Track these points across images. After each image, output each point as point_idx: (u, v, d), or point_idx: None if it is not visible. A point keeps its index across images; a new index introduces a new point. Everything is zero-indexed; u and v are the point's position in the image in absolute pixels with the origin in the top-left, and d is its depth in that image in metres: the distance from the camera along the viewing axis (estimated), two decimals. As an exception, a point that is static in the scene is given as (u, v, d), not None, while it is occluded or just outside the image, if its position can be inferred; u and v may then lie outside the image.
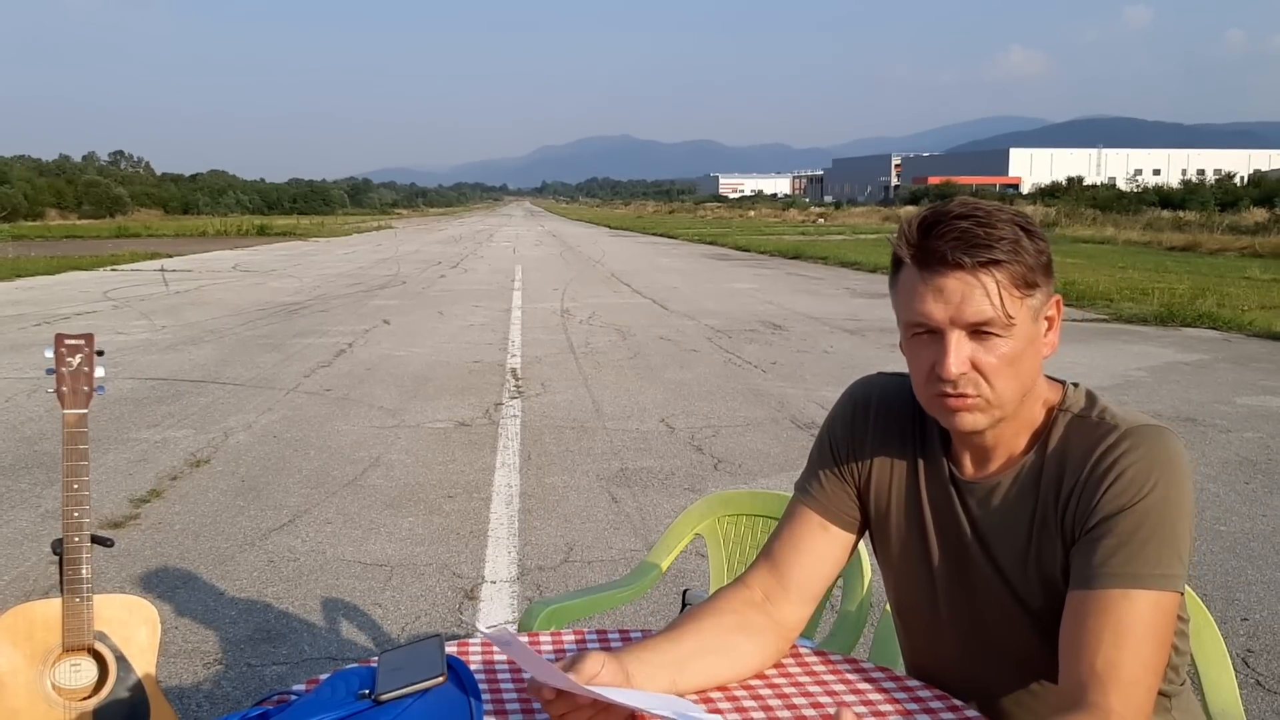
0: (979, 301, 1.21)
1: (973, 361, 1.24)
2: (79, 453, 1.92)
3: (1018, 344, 1.24)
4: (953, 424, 1.29)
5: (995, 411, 1.27)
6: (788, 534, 1.45)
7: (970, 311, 1.21)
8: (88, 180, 70.83)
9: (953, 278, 1.21)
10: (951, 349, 1.23)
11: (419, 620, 3.52)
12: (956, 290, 1.21)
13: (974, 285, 1.21)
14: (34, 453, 5.76)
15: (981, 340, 1.23)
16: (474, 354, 9.50)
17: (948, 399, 1.26)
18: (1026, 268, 1.22)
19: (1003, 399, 1.26)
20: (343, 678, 1.21)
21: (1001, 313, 1.21)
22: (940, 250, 1.21)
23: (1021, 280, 1.22)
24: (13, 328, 11.37)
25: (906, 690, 1.36)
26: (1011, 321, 1.22)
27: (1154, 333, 10.98)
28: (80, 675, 1.91)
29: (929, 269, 1.23)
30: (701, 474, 5.34)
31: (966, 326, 1.23)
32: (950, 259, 1.21)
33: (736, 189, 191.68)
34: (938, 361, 1.24)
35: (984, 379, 1.24)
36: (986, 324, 1.22)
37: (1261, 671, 3.13)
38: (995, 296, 1.21)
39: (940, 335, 1.24)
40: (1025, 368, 1.26)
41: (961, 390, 1.25)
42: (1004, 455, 1.34)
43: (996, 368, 1.24)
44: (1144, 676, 1.17)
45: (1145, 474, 1.22)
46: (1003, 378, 1.24)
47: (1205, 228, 30.19)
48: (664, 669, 1.27)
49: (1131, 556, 1.20)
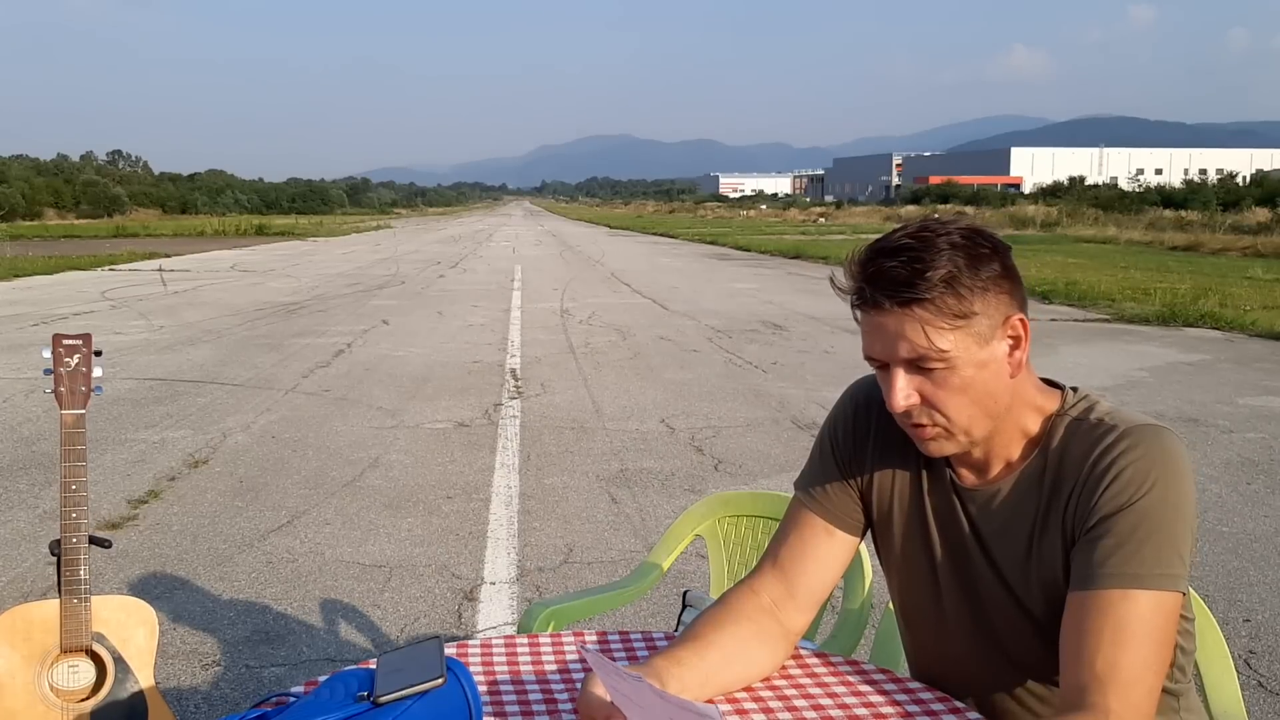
0: (910, 338, 1.23)
1: (921, 393, 1.26)
2: (77, 453, 1.91)
3: (964, 372, 1.24)
4: (924, 451, 1.32)
5: (961, 437, 1.28)
6: (794, 539, 1.44)
7: (903, 348, 1.23)
8: (85, 180, 70.85)
9: (881, 318, 1.24)
10: (895, 385, 1.26)
11: (418, 622, 3.51)
12: (888, 329, 1.24)
13: (903, 323, 1.22)
14: (32, 453, 5.76)
15: (926, 373, 1.25)
16: (473, 354, 9.49)
17: (911, 428, 1.30)
18: (959, 299, 1.21)
19: (963, 426, 1.27)
20: (341, 679, 1.20)
21: (931, 349, 1.22)
22: (864, 292, 1.24)
23: (952, 313, 1.22)
24: (10, 328, 11.36)
25: (908, 692, 1.35)
26: (945, 353, 1.22)
27: (1156, 333, 10.98)
28: (78, 676, 1.91)
29: (862, 309, 1.26)
30: (702, 475, 5.33)
31: (903, 363, 1.25)
32: (874, 301, 1.23)
33: (737, 188, 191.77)
34: (887, 393, 1.27)
35: (934, 409, 1.26)
36: (920, 360, 1.23)
37: (1264, 673, 3.12)
38: (920, 335, 1.22)
39: (886, 369, 1.27)
40: (980, 393, 1.26)
41: (917, 420, 1.27)
42: (1001, 463, 1.34)
43: (944, 398, 1.25)
44: (1144, 676, 1.17)
45: (1144, 473, 1.21)
46: (953, 407, 1.26)
47: (1207, 227, 30.19)
48: (695, 683, 1.29)
49: (1130, 556, 1.19)
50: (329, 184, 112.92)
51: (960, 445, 1.29)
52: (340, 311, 13.14)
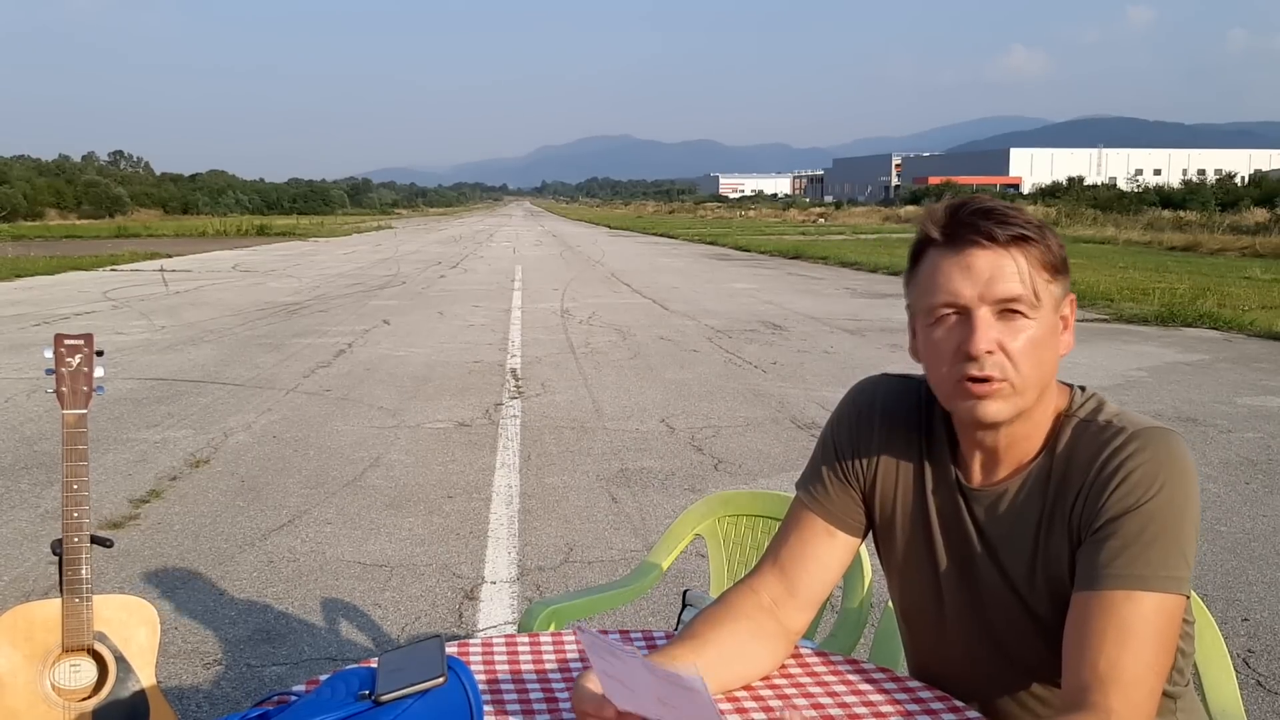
0: (1009, 278, 1.22)
1: (999, 343, 1.23)
2: (78, 453, 1.91)
3: (1041, 330, 1.24)
4: (976, 414, 1.26)
5: (1018, 399, 1.25)
6: (795, 539, 1.44)
7: (1000, 288, 1.22)
8: (87, 180, 70.85)
9: (982, 254, 1.22)
10: (979, 326, 1.22)
11: (419, 621, 3.52)
12: (986, 266, 1.22)
13: (1004, 261, 1.22)
14: (33, 453, 5.76)
15: (1008, 321, 1.23)
16: (474, 354, 9.50)
17: (973, 384, 1.24)
18: (1052, 252, 1.24)
19: (1027, 384, 1.25)
20: (343, 678, 1.20)
21: (1030, 290, 1.22)
22: (972, 224, 1.23)
23: (1048, 264, 1.24)
24: (12, 328, 11.36)
25: (907, 691, 1.36)
26: (1038, 302, 1.23)
27: (1155, 333, 10.98)
28: (80, 676, 1.91)
29: (958, 245, 1.23)
30: (702, 474, 5.33)
31: (995, 303, 1.22)
32: (982, 230, 1.22)
33: (737, 189, 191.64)
34: (964, 340, 1.23)
35: (1009, 361, 1.23)
36: (1015, 300, 1.22)
37: (1262, 672, 3.12)
38: (1025, 274, 1.22)
39: (967, 315, 1.24)
40: (1047, 357, 1.26)
41: (987, 373, 1.23)
42: (1014, 461, 1.33)
43: (1022, 350, 1.23)
44: (1146, 677, 1.17)
45: (1152, 476, 1.22)
46: (1028, 360, 1.24)
47: (1206, 228, 30.18)
48: None
49: (1136, 558, 1.20)
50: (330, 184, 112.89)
51: (1014, 408, 1.26)
52: (341, 311, 13.14)
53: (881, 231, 39.52)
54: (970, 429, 1.32)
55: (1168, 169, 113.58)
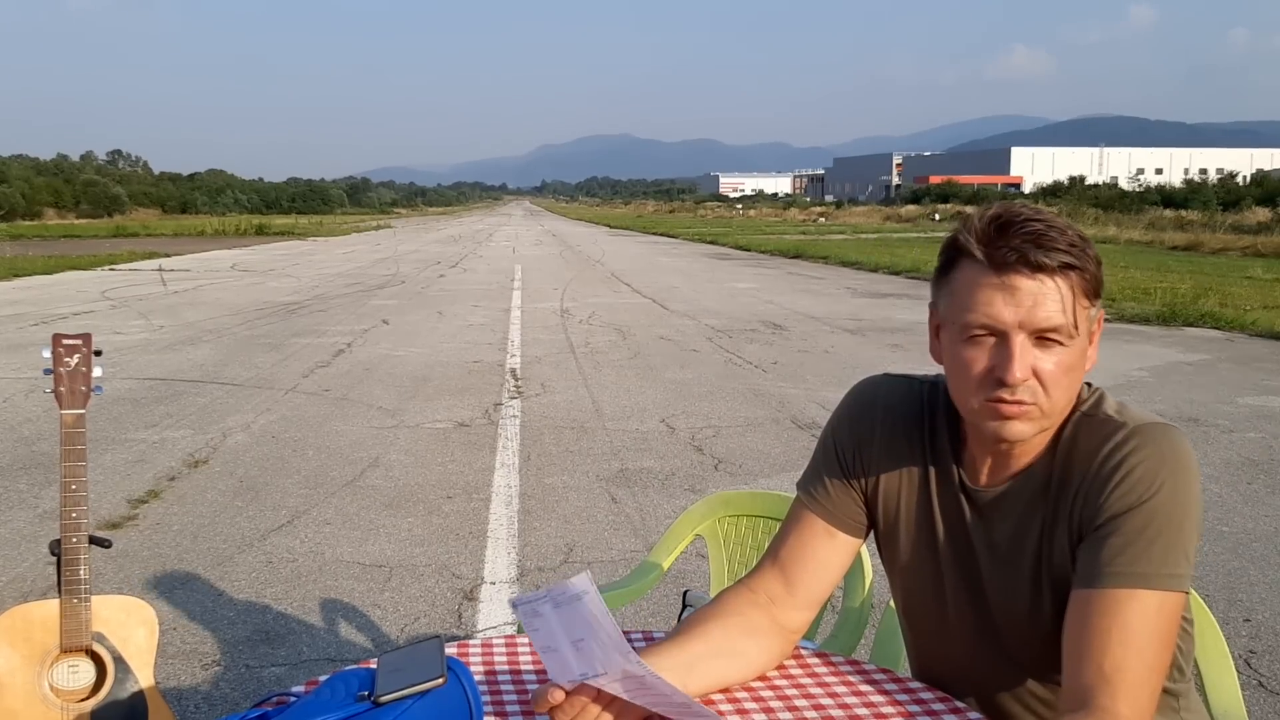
0: (1051, 307, 1.18)
1: (1033, 369, 1.21)
2: (77, 453, 1.91)
3: (1074, 354, 1.21)
4: (999, 432, 1.25)
5: (1044, 421, 1.25)
6: (794, 539, 1.43)
7: (1041, 316, 1.18)
8: (85, 180, 70.91)
9: (1028, 280, 1.18)
10: (1016, 354, 1.19)
11: (418, 621, 3.51)
12: (1029, 293, 1.18)
13: (1049, 289, 1.18)
14: (32, 453, 5.76)
15: (1044, 348, 1.20)
16: (473, 354, 9.49)
17: (1002, 405, 1.22)
18: (1092, 276, 1.21)
19: (1055, 408, 1.24)
20: (342, 679, 1.20)
21: (1071, 321, 1.19)
22: (1018, 249, 1.18)
23: (1090, 290, 1.21)
24: (10, 328, 11.36)
25: (909, 692, 1.35)
26: (1076, 330, 1.20)
27: (1156, 332, 10.98)
28: (78, 676, 1.91)
29: (1003, 269, 1.19)
30: (702, 474, 5.33)
31: (1034, 331, 1.19)
32: (1030, 259, 1.17)
33: (737, 188, 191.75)
34: (999, 366, 1.21)
35: (1042, 387, 1.21)
36: (1055, 330, 1.19)
37: (1264, 672, 3.12)
38: (1069, 304, 1.19)
39: (1005, 339, 1.20)
40: (1077, 378, 1.25)
41: (1019, 397, 1.21)
42: (1020, 462, 1.32)
43: (1055, 377, 1.21)
44: (1149, 678, 1.16)
45: (1153, 473, 1.21)
46: (1059, 387, 1.22)
47: (1207, 227, 30.22)
48: (672, 672, 1.24)
49: (1138, 556, 1.19)
50: (329, 184, 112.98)
51: (1038, 428, 1.25)
52: (340, 311, 13.14)
53: (882, 231, 39.54)
54: (988, 440, 1.30)
55: (1169, 168, 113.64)
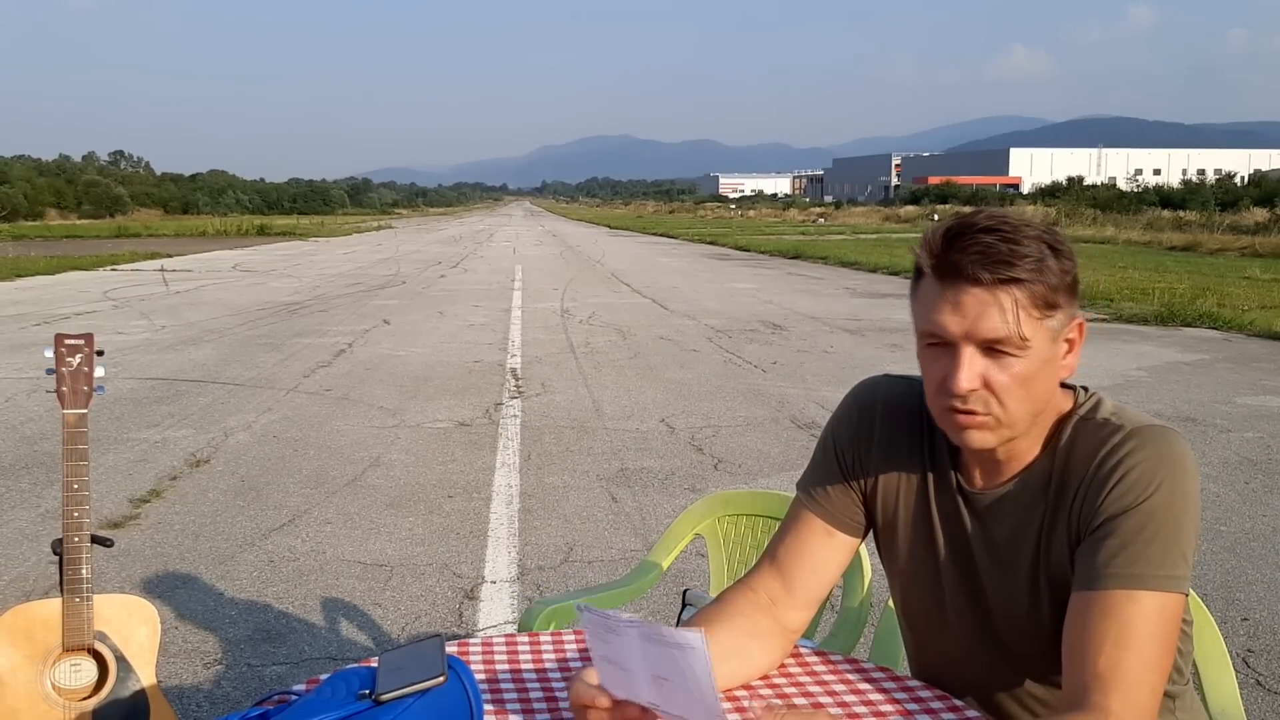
0: (994, 319, 1.19)
1: (985, 379, 1.21)
2: (79, 453, 1.92)
3: (1032, 364, 1.21)
4: (961, 440, 1.27)
5: (1005, 431, 1.25)
6: (792, 539, 1.44)
7: (985, 328, 1.19)
8: (88, 180, 70.89)
9: (971, 293, 1.19)
10: (963, 364, 1.21)
11: (419, 620, 3.52)
12: (973, 306, 1.19)
13: (991, 302, 1.19)
14: (34, 453, 5.76)
15: (995, 358, 1.21)
16: (474, 354, 9.50)
17: (957, 414, 1.24)
18: (1048, 288, 1.20)
19: (1013, 418, 1.24)
20: (343, 678, 1.21)
21: (1016, 333, 1.19)
22: (960, 263, 1.19)
23: (1041, 301, 1.20)
24: (13, 328, 11.36)
25: (907, 690, 1.36)
26: (1026, 343, 1.20)
27: (1154, 332, 10.98)
28: (80, 675, 1.91)
29: (948, 281, 1.21)
30: (701, 474, 5.34)
31: (980, 343, 1.20)
32: (969, 274, 1.18)
33: (737, 189, 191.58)
34: (948, 375, 1.22)
35: (994, 397, 1.22)
36: (1000, 342, 1.20)
37: (1262, 671, 3.13)
38: (1011, 315, 1.19)
39: (953, 348, 1.22)
40: (1038, 389, 1.24)
41: (970, 407, 1.23)
42: (1015, 466, 1.33)
43: (1008, 387, 1.22)
44: (1147, 677, 1.17)
45: (1150, 474, 1.21)
46: (1014, 398, 1.22)
47: (1205, 228, 30.19)
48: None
49: (1135, 557, 1.19)
50: (330, 184, 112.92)
51: (1000, 438, 1.26)
52: (341, 311, 13.14)
53: (881, 231, 39.52)
54: (964, 446, 1.32)
55: (1167, 169, 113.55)
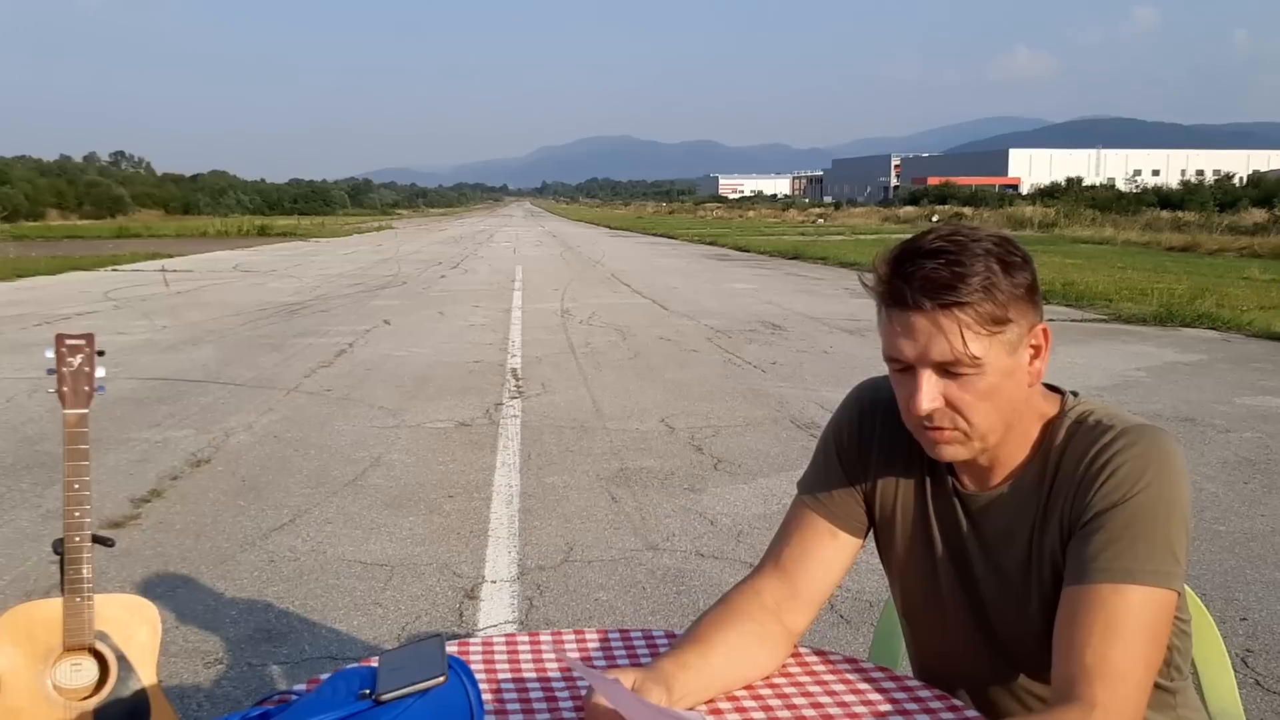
0: (941, 344, 1.21)
1: (946, 397, 1.24)
2: (80, 453, 1.92)
3: (991, 378, 1.23)
4: (935, 455, 1.31)
5: (975, 443, 1.28)
6: (797, 540, 1.45)
7: (935, 352, 1.22)
8: (88, 180, 70.90)
9: (916, 319, 1.22)
10: (922, 387, 1.24)
11: (419, 620, 3.52)
12: (923, 330, 1.22)
13: (937, 328, 1.21)
14: (35, 453, 5.76)
15: (953, 377, 1.23)
16: (474, 354, 9.50)
17: (927, 431, 1.28)
18: (996, 305, 1.21)
19: (981, 431, 1.27)
20: (343, 677, 1.21)
21: (965, 354, 1.21)
22: (903, 292, 1.22)
23: (989, 319, 1.21)
24: (13, 328, 11.36)
25: (907, 690, 1.36)
26: (978, 361, 1.22)
27: (1153, 333, 10.98)
28: (81, 675, 1.92)
29: (895, 309, 1.24)
30: (701, 474, 5.34)
31: (933, 366, 1.23)
32: (910, 301, 1.21)
33: (736, 189, 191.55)
34: (910, 396, 1.25)
35: (958, 414, 1.25)
36: (953, 364, 1.22)
37: (1261, 671, 3.13)
38: (957, 339, 1.21)
39: (912, 371, 1.25)
40: (1002, 400, 1.26)
41: (938, 424, 1.26)
42: (1003, 469, 1.35)
43: (970, 403, 1.24)
44: (1133, 670, 1.18)
45: (1139, 471, 1.23)
46: (978, 412, 1.25)
47: (1204, 228, 30.17)
48: (701, 685, 1.29)
49: (1123, 552, 1.21)
50: (331, 185, 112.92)
51: (973, 450, 1.29)
52: (342, 311, 13.14)
53: (881, 232, 39.50)
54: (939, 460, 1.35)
55: (1166, 169, 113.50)
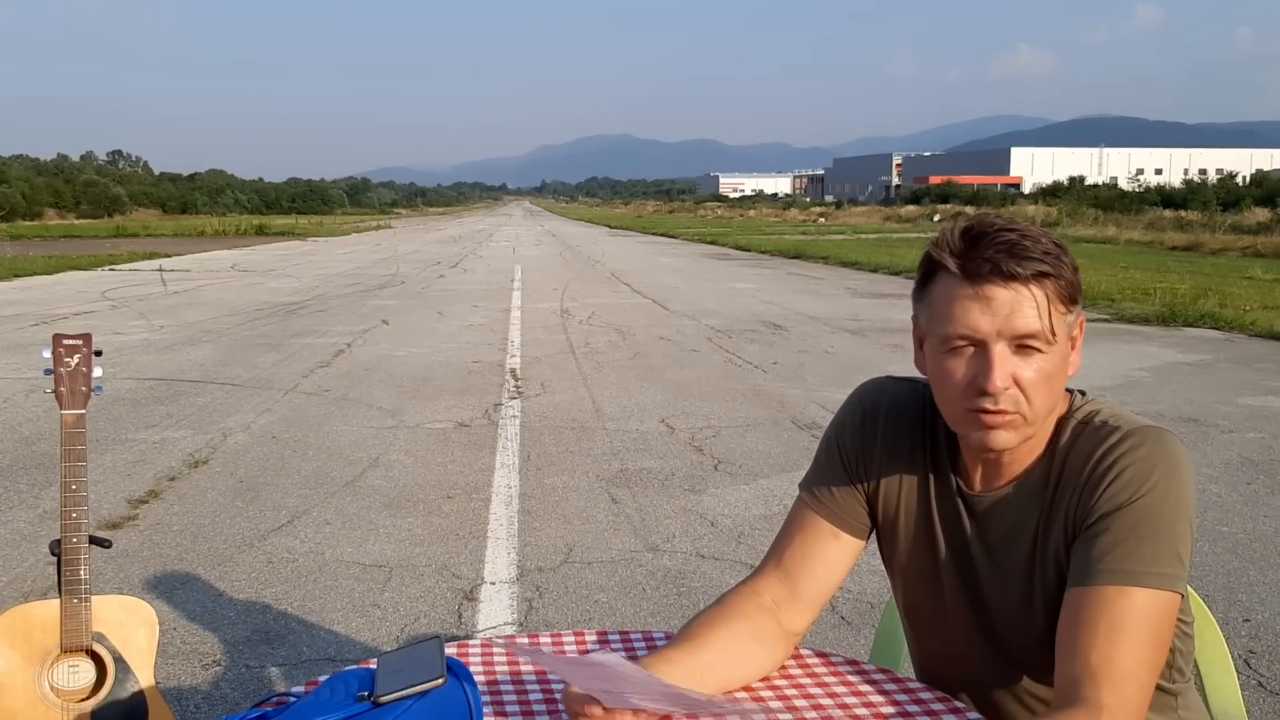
0: (1028, 314, 1.20)
1: (1013, 377, 1.22)
2: (77, 453, 1.91)
3: (1055, 360, 1.23)
4: (985, 441, 1.27)
5: (1027, 429, 1.26)
6: (799, 541, 1.44)
7: (1019, 324, 1.20)
8: (86, 180, 70.93)
9: (1002, 289, 1.20)
10: (996, 363, 1.21)
11: (418, 621, 3.51)
12: (1006, 302, 1.20)
13: (1024, 297, 1.20)
14: (32, 453, 5.76)
15: (1023, 355, 1.22)
16: (473, 354, 9.49)
17: (985, 414, 1.24)
18: (1068, 283, 1.22)
19: (1037, 415, 1.25)
20: (342, 679, 1.20)
21: (1048, 327, 1.21)
22: (991, 260, 1.20)
23: (1065, 295, 1.22)
24: (10, 328, 11.36)
25: (908, 692, 1.35)
26: (1054, 338, 1.22)
27: (1156, 333, 10.97)
28: (78, 676, 1.91)
29: (977, 279, 1.21)
30: (702, 474, 5.33)
31: (1013, 339, 1.21)
32: (1003, 269, 1.19)
33: (737, 188, 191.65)
34: (980, 375, 1.22)
35: (1023, 395, 1.23)
36: (1032, 337, 1.21)
37: (1264, 673, 3.12)
38: (1044, 310, 1.20)
39: (984, 348, 1.22)
40: (1058, 385, 1.26)
41: (1001, 406, 1.23)
42: (1017, 467, 1.34)
43: (1035, 383, 1.23)
44: (1138, 673, 1.17)
45: (1145, 473, 1.22)
46: (1040, 394, 1.24)
47: (1207, 227, 30.20)
48: (687, 680, 1.27)
49: (1128, 554, 1.20)
50: (329, 184, 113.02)
51: (1022, 436, 1.26)
52: (340, 311, 13.14)
53: (882, 231, 39.54)
54: (976, 449, 1.32)
55: (1169, 168, 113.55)
